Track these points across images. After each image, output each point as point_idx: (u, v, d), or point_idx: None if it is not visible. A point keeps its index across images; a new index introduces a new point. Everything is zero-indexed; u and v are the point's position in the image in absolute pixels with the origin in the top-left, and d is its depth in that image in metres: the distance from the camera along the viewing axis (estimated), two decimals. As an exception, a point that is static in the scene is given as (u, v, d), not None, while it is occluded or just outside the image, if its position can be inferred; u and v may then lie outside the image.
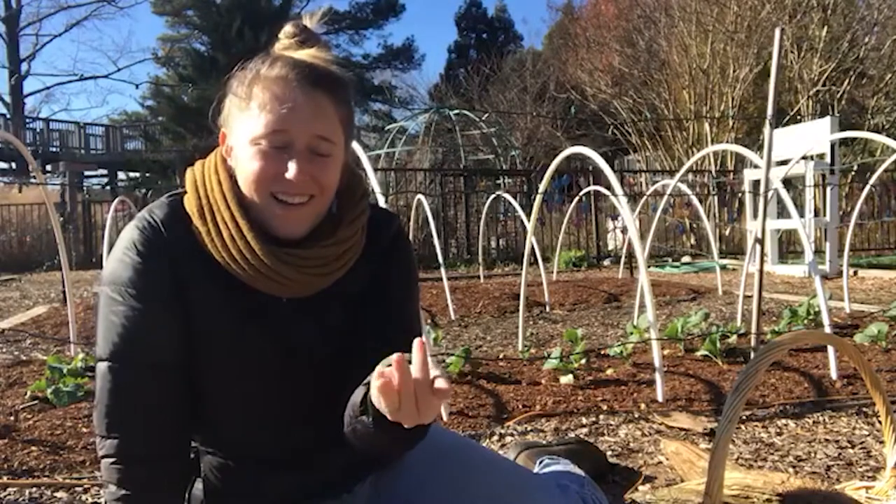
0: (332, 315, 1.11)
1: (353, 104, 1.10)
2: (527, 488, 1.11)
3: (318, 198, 1.04)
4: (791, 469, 1.85)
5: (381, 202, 2.70)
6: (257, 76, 1.02)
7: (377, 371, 0.81)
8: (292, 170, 1.00)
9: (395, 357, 0.77)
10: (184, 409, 1.06)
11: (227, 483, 1.13)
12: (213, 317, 1.05)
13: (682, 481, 1.70)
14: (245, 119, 1.02)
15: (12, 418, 2.41)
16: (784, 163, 5.71)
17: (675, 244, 11.11)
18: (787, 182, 6.48)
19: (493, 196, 8.88)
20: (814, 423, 2.27)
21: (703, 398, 2.53)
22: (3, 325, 4.91)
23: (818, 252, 8.09)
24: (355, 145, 2.22)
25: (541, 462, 1.63)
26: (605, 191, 8.24)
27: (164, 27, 24.10)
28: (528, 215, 4.72)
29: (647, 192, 8.31)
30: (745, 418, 2.30)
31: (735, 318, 4.19)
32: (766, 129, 2.88)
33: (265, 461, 1.13)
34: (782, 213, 8.01)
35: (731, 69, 12.93)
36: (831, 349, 2.79)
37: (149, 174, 18.03)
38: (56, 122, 22.79)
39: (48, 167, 19.36)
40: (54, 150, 20.82)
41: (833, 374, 2.72)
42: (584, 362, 2.91)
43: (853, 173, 11.66)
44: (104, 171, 21.79)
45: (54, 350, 3.88)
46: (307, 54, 1.05)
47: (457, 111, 14.49)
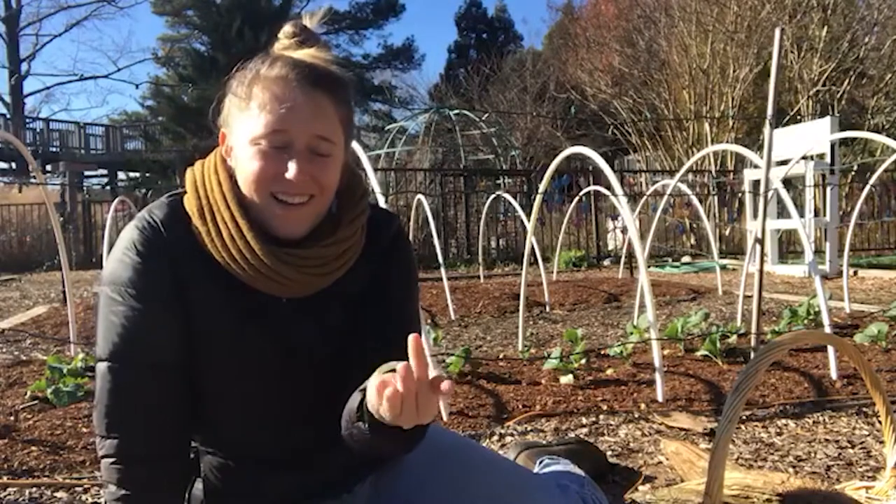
0: (332, 315, 1.11)
1: (353, 104, 1.10)
2: (527, 488, 1.11)
3: (318, 198, 1.04)
4: (791, 469, 1.85)
5: (381, 202, 2.70)
6: (257, 76, 1.02)
7: (376, 380, 0.81)
8: (292, 170, 1.00)
9: (400, 366, 0.77)
10: (184, 409, 1.06)
11: (227, 483, 1.13)
12: (213, 317, 1.05)
13: (682, 481, 1.70)
14: (245, 119, 1.02)
15: (12, 418, 2.42)
16: (784, 163, 5.71)
17: (675, 244, 11.10)
18: (787, 182, 6.48)
19: (493, 196, 8.88)
20: (814, 423, 2.27)
21: (703, 398, 2.53)
22: (3, 325, 4.91)
23: (818, 252, 8.09)
24: (355, 145, 2.22)
25: (541, 462, 1.63)
26: (605, 191, 8.24)
27: (164, 27, 24.16)
28: (528, 215, 4.72)
29: (647, 192, 8.31)
30: (745, 418, 2.30)
31: (735, 318, 4.19)
32: (766, 129, 2.88)
33: (265, 461, 1.13)
34: (782, 213, 8.01)
35: (731, 69, 12.93)
36: (831, 349, 2.79)
37: (149, 174, 18.03)
38: (56, 122, 22.83)
39: (48, 167, 19.37)
40: (54, 150, 20.82)
41: (833, 374, 2.72)
42: (584, 362, 2.92)
43: (853, 173, 11.67)
44: (104, 171, 21.81)
45: (54, 350, 3.88)
46: (307, 54, 1.05)
47: (457, 111, 14.49)
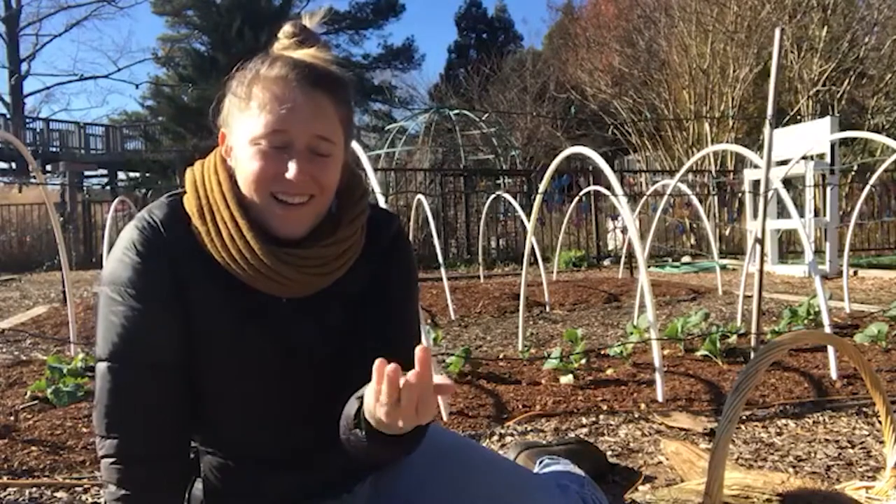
0: (332, 315, 1.11)
1: (352, 104, 1.10)
2: (527, 488, 1.11)
3: (318, 198, 1.04)
4: (791, 469, 1.85)
5: (381, 202, 2.70)
6: (257, 76, 1.02)
7: (374, 385, 0.81)
8: (292, 170, 1.00)
9: (409, 374, 0.78)
10: (184, 409, 1.06)
11: (227, 483, 1.13)
12: (213, 317, 1.05)
13: (682, 481, 1.70)
14: (245, 119, 1.02)
15: (12, 418, 2.41)
16: (784, 163, 5.71)
17: (675, 244, 11.10)
18: (787, 182, 6.48)
19: (493, 196, 8.88)
20: (814, 423, 2.27)
21: (703, 398, 2.53)
22: (3, 325, 4.91)
23: (818, 252, 8.09)
24: (355, 145, 2.22)
25: (541, 462, 1.63)
26: (605, 191, 8.24)
27: (164, 27, 24.17)
28: (528, 215, 4.72)
29: (647, 192, 8.31)
30: (745, 418, 2.30)
31: (735, 318, 4.19)
32: (766, 129, 2.88)
33: (265, 461, 1.13)
34: (782, 213, 8.01)
35: (731, 69, 12.93)
36: (831, 349, 2.79)
37: (149, 174, 18.03)
38: (56, 122, 22.83)
39: (48, 167, 19.37)
40: (54, 150, 20.82)
41: (833, 374, 2.72)
42: (584, 362, 2.91)
43: (853, 173, 11.67)
44: (104, 171, 21.81)
45: (54, 350, 3.88)
46: (307, 54, 1.05)
47: (457, 111, 14.49)
